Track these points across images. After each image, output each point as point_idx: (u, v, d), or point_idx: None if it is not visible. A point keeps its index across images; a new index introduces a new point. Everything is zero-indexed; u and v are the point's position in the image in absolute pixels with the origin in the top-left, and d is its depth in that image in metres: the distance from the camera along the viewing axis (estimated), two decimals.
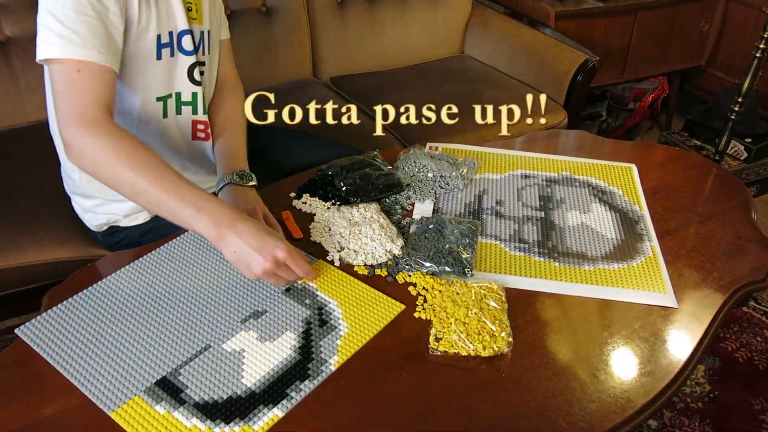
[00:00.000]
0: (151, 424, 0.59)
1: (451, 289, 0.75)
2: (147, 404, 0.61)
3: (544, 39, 1.73)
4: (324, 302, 0.73)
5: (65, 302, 0.72)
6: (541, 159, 1.06)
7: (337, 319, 0.71)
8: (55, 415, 0.60)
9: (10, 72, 1.33)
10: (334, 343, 0.68)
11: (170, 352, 0.67)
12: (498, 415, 0.62)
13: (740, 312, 1.50)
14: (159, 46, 0.84)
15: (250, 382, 0.64)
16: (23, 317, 0.74)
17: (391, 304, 0.73)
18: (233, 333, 0.69)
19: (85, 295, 0.73)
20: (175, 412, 0.60)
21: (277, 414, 0.61)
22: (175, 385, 0.63)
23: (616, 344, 0.71)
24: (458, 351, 0.67)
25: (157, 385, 0.63)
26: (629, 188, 1.00)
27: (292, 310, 0.72)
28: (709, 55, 2.22)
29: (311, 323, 0.70)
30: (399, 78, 1.75)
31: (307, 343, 0.68)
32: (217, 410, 0.61)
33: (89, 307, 0.72)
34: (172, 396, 0.62)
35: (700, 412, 1.25)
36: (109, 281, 0.75)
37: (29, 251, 1.04)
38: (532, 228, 0.89)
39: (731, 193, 1.00)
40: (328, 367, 0.65)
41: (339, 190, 0.90)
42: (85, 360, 0.65)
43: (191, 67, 0.89)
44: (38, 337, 0.68)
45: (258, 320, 0.70)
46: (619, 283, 0.80)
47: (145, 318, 0.71)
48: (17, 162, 1.25)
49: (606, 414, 0.63)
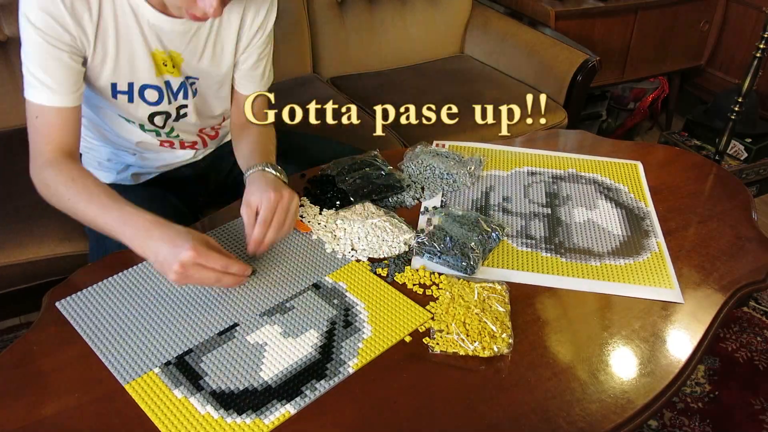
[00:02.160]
0: (166, 405, 0.61)
1: (454, 289, 0.75)
2: (165, 386, 0.63)
3: (544, 39, 1.73)
4: (352, 303, 0.73)
5: (102, 282, 0.75)
6: (547, 156, 1.07)
7: (362, 321, 0.71)
8: (54, 415, 0.60)
9: (10, 72, 1.33)
10: (356, 345, 0.68)
11: (191, 334, 0.68)
12: (498, 415, 0.62)
13: (740, 312, 1.50)
14: (114, 91, 0.84)
15: (267, 376, 0.64)
16: (23, 317, 0.74)
17: (418, 311, 0.72)
18: (259, 326, 0.70)
19: (120, 278, 0.76)
20: (191, 397, 0.62)
21: (289, 410, 0.61)
22: (196, 372, 0.64)
23: (616, 344, 0.71)
24: (457, 351, 0.67)
25: (177, 368, 0.64)
26: (635, 185, 1.00)
27: (319, 308, 0.72)
28: (709, 55, 2.22)
29: (336, 323, 0.70)
30: (399, 78, 1.75)
31: (329, 343, 0.68)
32: (232, 400, 0.61)
33: (122, 289, 0.74)
34: (191, 381, 0.63)
35: (700, 412, 1.25)
36: (144, 267, 0.77)
37: (29, 247, 1.06)
38: (539, 224, 0.89)
39: (731, 193, 1.00)
40: (346, 369, 0.65)
41: (339, 190, 0.90)
42: (111, 334, 0.68)
43: (151, 116, 0.89)
44: (74, 311, 0.71)
45: (284, 315, 0.71)
46: (625, 278, 0.80)
47: (176, 302, 0.72)
48: (18, 162, 1.25)
49: (606, 414, 0.62)
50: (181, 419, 0.59)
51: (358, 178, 0.91)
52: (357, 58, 1.77)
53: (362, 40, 1.77)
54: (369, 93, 1.65)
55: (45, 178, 0.78)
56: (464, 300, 0.73)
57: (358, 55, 1.78)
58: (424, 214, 0.89)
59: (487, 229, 0.83)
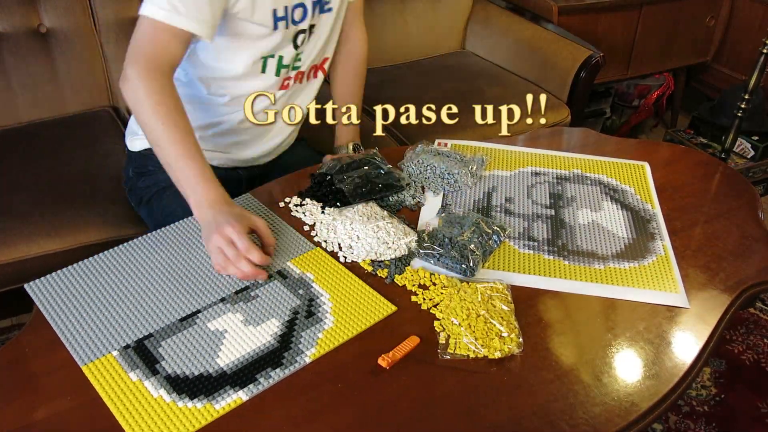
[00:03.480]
0: (120, 387, 0.62)
1: (455, 291, 0.73)
2: (121, 368, 0.63)
3: (547, 35, 1.71)
4: (317, 294, 0.74)
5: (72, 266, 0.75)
6: (551, 156, 1.05)
7: (325, 312, 0.71)
8: (46, 419, 0.59)
9: (2, 69, 1.32)
10: (316, 335, 0.68)
11: (153, 318, 0.70)
12: (500, 418, 0.61)
13: (747, 313, 1.48)
14: (276, 19, 0.89)
15: (223, 362, 0.65)
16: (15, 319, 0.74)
17: (382, 304, 0.72)
18: (221, 313, 0.70)
19: (90, 262, 0.76)
20: (146, 381, 0.62)
21: (241, 397, 0.61)
22: (153, 356, 0.65)
23: (620, 346, 0.69)
24: (468, 354, 0.66)
25: (135, 352, 0.65)
26: (641, 186, 0.98)
27: (283, 297, 0.73)
28: (715, 50, 2.20)
29: (298, 313, 0.71)
30: (399, 75, 1.73)
31: (289, 332, 0.68)
32: (186, 385, 0.62)
33: (92, 273, 0.75)
34: (147, 365, 0.64)
35: (705, 415, 1.24)
36: (118, 251, 0.78)
37: (19, 246, 1.06)
38: (542, 226, 0.88)
39: (738, 192, 0.99)
40: (303, 359, 0.65)
41: (339, 190, 0.89)
42: (75, 317, 0.69)
43: (296, 35, 0.93)
44: (42, 294, 0.72)
45: (248, 304, 0.72)
46: (630, 282, 0.78)
47: (142, 287, 0.74)
48: (9, 162, 1.25)
49: (610, 418, 0.61)
50: (133, 402, 0.60)
51: (357, 177, 0.89)
52: None
53: None
54: (368, 90, 1.62)
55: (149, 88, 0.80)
56: (467, 302, 0.71)
57: None
58: (424, 214, 0.88)
59: (488, 230, 0.82)
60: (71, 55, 1.37)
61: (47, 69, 1.36)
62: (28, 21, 1.33)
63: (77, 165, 1.24)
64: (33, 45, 1.34)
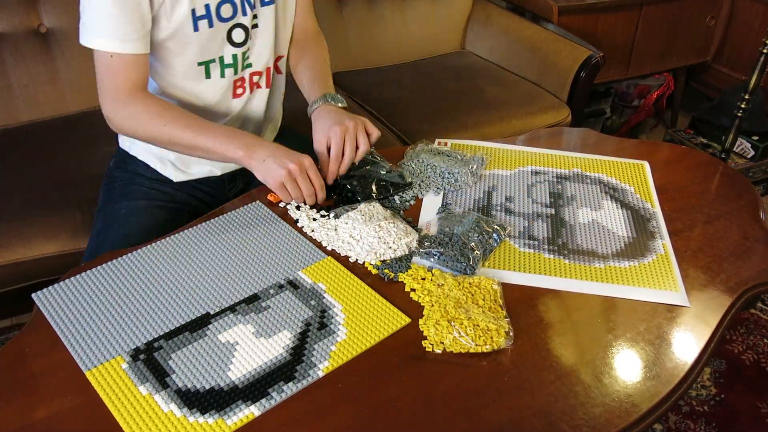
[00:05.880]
0: (129, 401, 0.60)
1: (444, 285, 0.73)
2: (131, 382, 0.62)
3: (547, 34, 1.71)
4: (329, 305, 0.72)
5: (80, 275, 0.75)
6: (551, 155, 1.05)
7: (338, 324, 0.69)
8: (48, 418, 0.59)
9: (2, 69, 1.32)
10: (328, 348, 0.67)
11: (160, 321, 0.69)
12: (500, 419, 0.61)
13: (747, 314, 1.48)
14: (195, 19, 0.86)
15: (235, 376, 0.63)
16: (15, 319, 0.74)
17: (396, 315, 0.71)
18: (232, 324, 0.69)
19: (98, 271, 0.76)
20: (156, 395, 0.61)
21: (253, 412, 0.60)
22: (164, 369, 0.63)
23: (620, 347, 0.69)
24: (454, 349, 0.66)
25: (145, 365, 0.64)
26: (641, 185, 0.98)
27: (295, 308, 0.71)
28: (715, 50, 2.19)
29: (310, 325, 0.69)
30: (399, 75, 1.73)
31: (301, 345, 0.67)
32: (197, 399, 0.61)
33: (99, 282, 0.75)
34: (157, 378, 0.63)
35: (705, 415, 1.24)
36: (128, 258, 0.78)
37: (17, 248, 1.06)
38: (542, 225, 0.88)
39: (738, 193, 0.98)
40: (316, 372, 0.64)
41: (340, 189, 0.88)
42: (81, 323, 0.69)
43: (229, 31, 0.90)
44: (49, 303, 0.71)
45: (259, 315, 0.70)
46: (630, 281, 0.78)
47: (148, 293, 0.73)
48: (8, 162, 1.24)
49: (610, 419, 0.61)
50: (143, 416, 0.59)
51: (360, 177, 0.89)
52: (356, 54, 1.76)
53: (361, 36, 1.75)
54: (368, 89, 1.63)
55: (134, 111, 0.83)
56: (455, 295, 0.71)
57: (358, 52, 1.76)
58: (424, 214, 0.88)
59: (488, 229, 0.82)
60: (71, 55, 1.37)
61: (47, 69, 1.36)
62: (28, 21, 1.33)
63: (77, 165, 1.24)
64: (33, 45, 1.34)
